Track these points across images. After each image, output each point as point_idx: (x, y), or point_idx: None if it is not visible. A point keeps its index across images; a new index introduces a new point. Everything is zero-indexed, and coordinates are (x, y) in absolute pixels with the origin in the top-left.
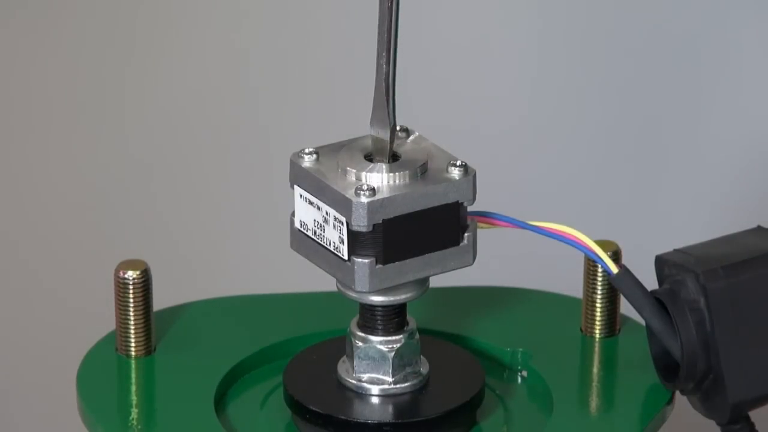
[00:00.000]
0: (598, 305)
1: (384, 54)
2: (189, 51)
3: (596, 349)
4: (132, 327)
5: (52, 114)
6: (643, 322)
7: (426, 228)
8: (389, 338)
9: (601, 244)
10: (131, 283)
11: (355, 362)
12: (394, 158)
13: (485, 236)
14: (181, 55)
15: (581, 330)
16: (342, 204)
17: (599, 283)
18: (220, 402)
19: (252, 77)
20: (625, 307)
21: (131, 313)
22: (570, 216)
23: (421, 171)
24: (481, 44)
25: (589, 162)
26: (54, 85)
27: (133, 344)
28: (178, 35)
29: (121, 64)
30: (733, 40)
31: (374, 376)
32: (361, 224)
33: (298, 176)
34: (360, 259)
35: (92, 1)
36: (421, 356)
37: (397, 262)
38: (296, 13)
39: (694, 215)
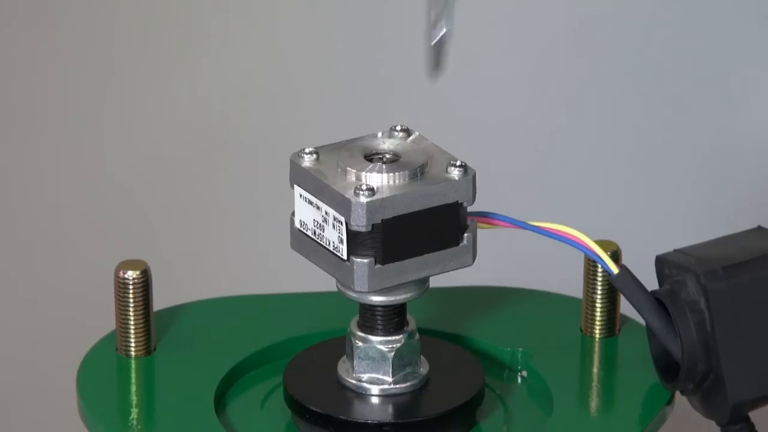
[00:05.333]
0: (598, 305)
1: None
2: (189, 52)
3: (596, 349)
4: (132, 327)
5: (53, 114)
6: (643, 322)
7: (425, 228)
8: (389, 338)
9: (601, 244)
10: (131, 283)
11: (355, 362)
12: (393, 158)
13: (485, 236)
14: (181, 56)
15: (581, 330)
16: (341, 204)
17: (599, 283)
18: (220, 402)
19: (252, 77)
20: (625, 307)
21: (131, 313)
22: (570, 216)
23: (421, 171)
24: (482, 44)
25: (589, 162)
26: (55, 86)
27: (133, 344)
28: (178, 36)
29: (121, 64)
30: (733, 40)
31: (374, 376)
32: (360, 224)
33: (298, 176)
34: (359, 259)
35: (97, 3)
36: (421, 356)
37: (396, 262)
38: (296, 12)
39: (694, 215)
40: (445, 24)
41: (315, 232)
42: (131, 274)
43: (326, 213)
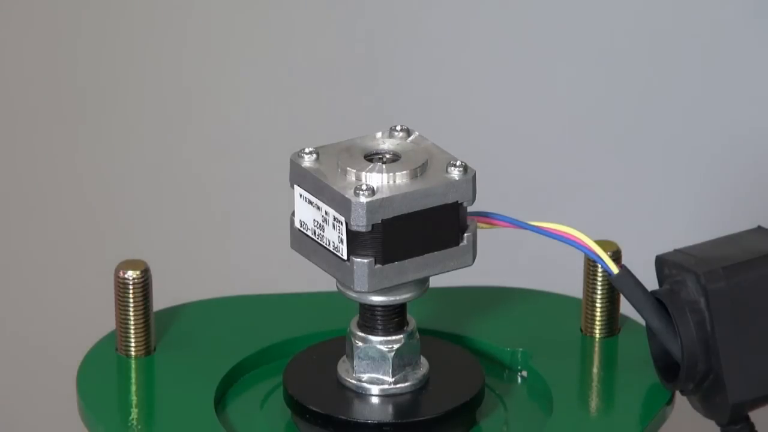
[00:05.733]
0: (598, 305)
1: None
2: (190, 51)
3: (596, 349)
4: (132, 327)
5: (53, 114)
6: (643, 322)
7: (425, 228)
8: (389, 338)
9: (601, 244)
10: (131, 283)
11: (355, 362)
12: (393, 158)
13: (485, 236)
14: (181, 55)
15: (581, 330)
16: (341, 204)
17: (599, 283)
18: (220, 402)
19: (252, 77)
20: (625, 307)
21: (131, 313)
22: (570, 216)
23: (421, 171)
24: (482, 44)
25: (589, 162)
26: (56, 85)
27: (133, 344)
28: (179, 35)
29: (121, 63)
30: (733, 40)
31: (374, 376)
32: (360, 224)
33: (298, 176)
34: (359, 259)
35: (101, 4)
36: (421, 356)
37: (396, 262)
38: (297, 12)
39: (694, 215)
40: None
41: (315, 232)
42: (131, 274)
43: (326, 213)
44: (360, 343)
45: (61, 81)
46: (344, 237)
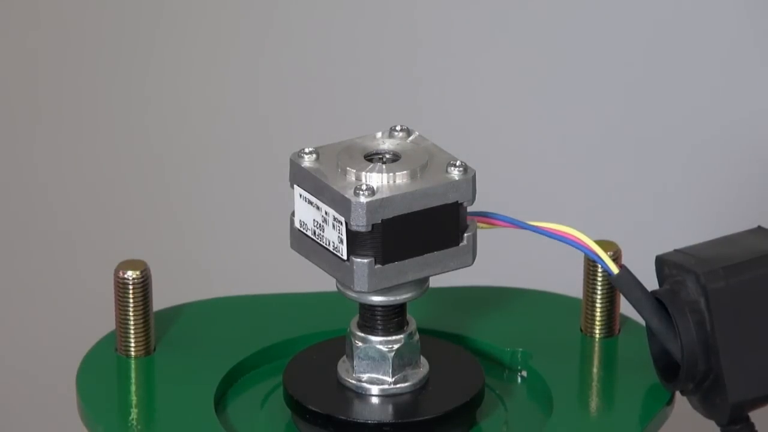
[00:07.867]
0: (598, 305)
1: None
2: (190, 51)
3: (596, 349)
4: (132, 327)
5: (54, 113)
6: (643, 322)
7: (425, 228)
8: (389, 338)
9: (601, 244)
10: (131, 283)
11: (355, 362)
12: (393, 158)
13: (485, 236)
14: (182, 55)
15: (581, 330)
16: (341, 204)
17: (599, 283)
18: (220, 402)
19: (252, 77)
20: (625, 307)
21: (131, 313)
22: (570, 216)
23: (421, 171)
24: (482, 44)
25: (589, 162)
26: (56, 84)
27: (132, 344)
28: (179, 35)
29: (122, 63)
30: (733, 40)
31: (374, 376)
32: (360, 224)
33: (298, 176)
34: (359, 259)
35: (98, 3)
36: (421, 356)
37: (396, 262)
38: (298, 13)
39: (694, 215)
40: None
41: (315, 232)
42: (131, 274)
43: (326, 213)
44: (360, 343)
45: (63, 79)
46: (344, 237)
